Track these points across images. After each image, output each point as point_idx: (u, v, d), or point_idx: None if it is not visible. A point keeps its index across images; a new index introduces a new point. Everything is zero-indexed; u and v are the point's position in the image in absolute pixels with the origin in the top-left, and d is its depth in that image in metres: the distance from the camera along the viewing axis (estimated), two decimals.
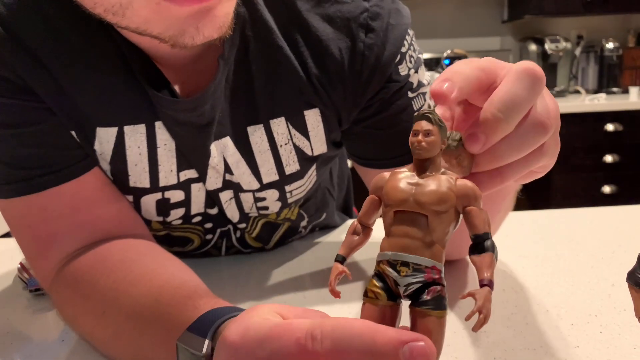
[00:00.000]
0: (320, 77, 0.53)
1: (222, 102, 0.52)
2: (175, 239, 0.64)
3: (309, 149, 0.57)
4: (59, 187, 0.50)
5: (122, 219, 0.55)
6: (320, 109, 0.55)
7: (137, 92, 0.50)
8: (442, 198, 0.27)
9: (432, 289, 0.26)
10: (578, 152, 2.52)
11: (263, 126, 0.54)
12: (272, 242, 0.71)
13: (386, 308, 0.27)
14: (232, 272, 0.66)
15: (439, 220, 0.27)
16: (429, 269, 0.26)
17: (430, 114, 0.28)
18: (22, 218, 0.52)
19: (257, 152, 0.55)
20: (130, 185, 0.54)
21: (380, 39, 0.52)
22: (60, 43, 0.48)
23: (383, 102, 0.55)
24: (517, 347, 0.44)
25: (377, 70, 0.53)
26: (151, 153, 0.53)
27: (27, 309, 0.60)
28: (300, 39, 0.52)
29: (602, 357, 0.42)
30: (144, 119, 0.52)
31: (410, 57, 0.55)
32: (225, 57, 0.50)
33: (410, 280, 0.26)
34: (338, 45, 0.52)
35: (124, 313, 0.43)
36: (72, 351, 0.49)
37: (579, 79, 2.96)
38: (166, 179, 0.55)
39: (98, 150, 0.52)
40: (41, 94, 0.49)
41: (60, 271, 0.50)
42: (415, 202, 0.27)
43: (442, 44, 2.92)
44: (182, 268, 0.47)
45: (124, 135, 0.52)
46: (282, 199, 0.61)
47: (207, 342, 0.33)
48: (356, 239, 0.30)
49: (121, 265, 0.47)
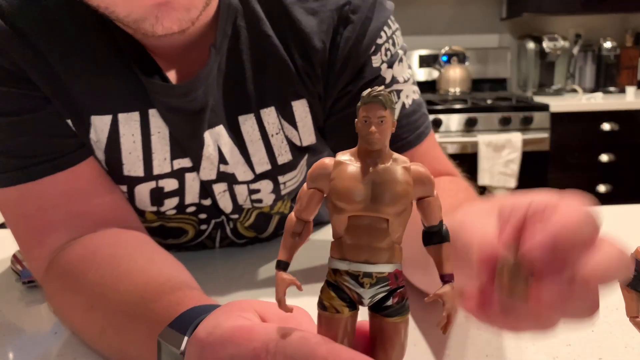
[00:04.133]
0: (305, 68, 0.54)
1: (215, 90, 0.53)
2: (170, 230, 0.64)
3: (298, 140, 0.58)
4: (55, 175, 0.51)
5: (115, 210, 0.55)
6: (307, 100, 0.56)
7: (131, 80, 0.51)
8: (402, 196, 0.25)
9: (397, 294, 0.25)
10: (574, 151, 2.53)
11: (254, 115, 0.55)
12: (267, 232, 0.71)
13: (347, 319, 0.26)
14: (226, 266, 0.66)
15: (400, 220, 0.25)
16: (392, 274, 0.25)
17: (381, 95, 0.24)
18: (17, 207, 0.52)
19: (249, 141, 0.56)
20: (124, 174, 0.55)
21: (357, 31, 0.53)
22: (58, 33, 0.49)
23: (352, 95, 0.55)
24: (509, 345, 0.45)
25: (350, 61, 0.54)
26: (145, 141, 0.53)
27: (19, 300, 0.60)
28: (287, 30, 0.53)
29: (594, 356, 0.43)
30: (138, 107, 0.52)
31: (387, 50, 0.55)
32: (217, 45, 0.51)
33: (375, 291, 0.25)
34: (321, 38, 0.53)
35: (111, 309, 0.43)
36: (64, 344, 0.49)
37: (576, 77, 2.97)
38: (160, 167, 0.55)
39: (94, 139, 0.52)
40: (38, 82, 0.49)
41: (52, 262, 0.51)
42: (374, 205, 0.24)
43: (440, 40, 2.91)
44: (171, 263, 0.47)
45: (118, 123, 0.52)
46: (276, 191, 0.61)
47: (186, 338, 0.33)
48: (297, 239, 0.26)
49: (110, 259, 0.47)
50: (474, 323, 0.48)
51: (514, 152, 2.42)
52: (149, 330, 0.38)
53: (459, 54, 2.85)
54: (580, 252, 0.24)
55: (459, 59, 2.85)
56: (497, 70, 2.97)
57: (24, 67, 0.49)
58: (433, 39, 2.91)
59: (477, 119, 2.44)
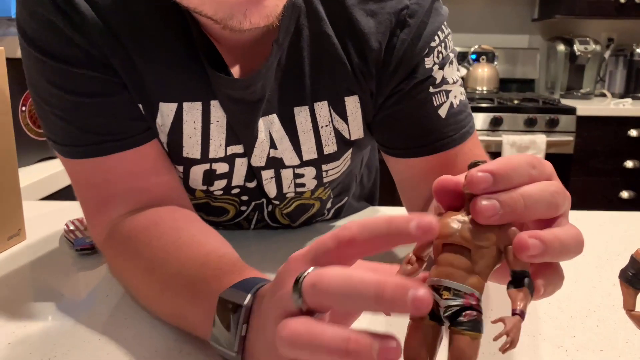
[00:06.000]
0: (360, 66, 0.58)
1: (272, 82, 0.57)
2: (213, 209, 0.69)
3: (347, 133, 0.62)
4: (123, 153, 0.56)
5: (171, 190, 0.60)
6: (359, 96, 0.60)
7: (198, 72, 0.56)
8: (483, 234, 0.29)
9: (469, 312, 0.28)
10: (599, 156, 2.52)
11: (308, 108, 0.60)
12: (299, 222, 0.75)
13: (429, 327, 0.30)
14: (260, 246, 0.70)
15: (481, 254, 0.29)
16: (468, 295, 0.29)
17: (482, 163, 0.30)
18: (87, 177, 0.58)
19: (301, 131, 0.61)
20: (183, 156, 0.60)
21: (412, 34, 0.57)
22: (138, 25, 0.54)
23: (404, 93, 0.59)
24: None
25: (404, 61, 0.57)
26: (205, 128, 0.59)
27: (73, 266, 0.65)
28: (346, 30, 0.57)
29: (596, 347, 0.46)
30: (202, 98, 0.57)
31: (439, 53, 0.58)
32: (280, 42, 0.55)
33: (450, 303, 0.29)
34: (377, 39, 0.57)
35: (172, 273, 0.47)
36: (116, 306, 0.54)
37: (606, 82, 2.94)
38: (215, 152, 0.61)
39: (159, 123, 0.58)
40: (118, 70, 0.55)
41: (116, 227, 0.56)
42: (461, 236, 0.29)
43: (469, 38, 2.91)
44: (224, 242, 0.52)
45: (182, 111, 0.58)
46: (319, 177, 0.66)
47: (250, 295, 0.37)
48: (409, 268, 0.32)
49: (171, 231, 0.52)
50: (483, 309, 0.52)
51: (538, 153, 2.42)
52: (209, 293, 0.41)
53: (488, 53, 2.84)
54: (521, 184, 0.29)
55: (487, 57, 2.84)
56: (526, 71, 2.96)
57: (108, 56, 0.54)
58: (463, 37, 2.91)
59: (502, 118, 2.45)
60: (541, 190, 0.30)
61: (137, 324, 0.50)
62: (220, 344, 0.38)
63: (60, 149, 0.58)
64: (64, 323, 0.51)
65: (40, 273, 0.64)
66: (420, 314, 0.26)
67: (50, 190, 1.18)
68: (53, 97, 0.55)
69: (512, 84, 2.98)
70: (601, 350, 0.46)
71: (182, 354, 0.45)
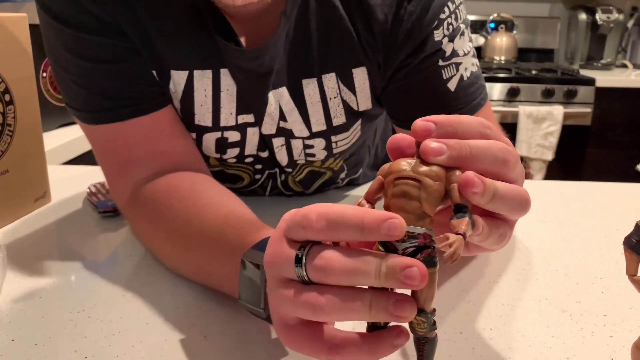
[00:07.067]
0: (367, 38, 0.58)
1: (281, 54, 0.58)
2: (228, 176, 0.71)
3: (355, 104, 0.63)
4: (140, 118, 0.58)
5: (189, 153, 0.62)
6: (367, 68, 0.61)
7: (208, 41, 0.57)
8: (431, 169, 0.31)
9: (425, 251, 0.31)
10: (616, 128, 2.48)
11: (316, 80, 0.61)
12: (312, 189, 0.77)
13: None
14: (274, 211, 0.72)
15: (430, 188, 0.31)
16: (421, 235, 0.31)
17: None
18: (106, 142, 0.60)
19: (309, 103, 0.62)
20: (195, 123, 0.62)
21: (420, 5, 0.56)
22: None
23: (412, 67, 0.59)
24: (524, 296, 0.50)
25: (412, 34, 0.57)
26: (215, 96, 0.60)
27: (96, 228, 0.68)
28: (353, 2, 0.57)
29: (600, 312, 0.47)
30: (212, 66, 0.58)
31: (449, 25, 0.58)
32: (287, 14, 0.56)
33: (407, 245, 0.31)
34: (384, 11, 0.57)
35: (194, 232, 0.50)
36: (137, 265, 0.57)
37: (628, 52, 2.88)
38: (226, 120, 0.62)
39: (172, 90, 0.60)
40: (131, 36, 0.56)
41: (137, 191, 0.58)
42: (412, 169, 0.31)
43: (488, 6, 2.85)
44: (241, 203, 0.54)
45: (193, 78, 0.59)
46: (328, 149, 0.67)
47: None
48: None
49: (192, 194, 0.54)
50: (493, 273, 0.54)
51: (555, 124, 2.40)
52: (232, 251, 0.43)
53: (507, 22, 2.79)
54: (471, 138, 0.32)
55: (506, 26, 2.79)
56: (545, 40, 2.91)
57: (121, 22, 0.55)
58: (481, 5, 2.86)
59: (519, 89, 2.42)
60: (490, 144, 0.32)
61: (158, 282, 0.53)
62: (248, 302, 0.40)
63: (78, 114, 0.60)
64: (90, 280, 0.54)
65: (66, 234, 0.67)
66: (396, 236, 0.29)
67: (71, 155, 1.21)
68: (70, 63, 0.57)
69: (531, 53, 2.93)
70: (605, 315, 0.47)
71: (201, 310, 0.48)
